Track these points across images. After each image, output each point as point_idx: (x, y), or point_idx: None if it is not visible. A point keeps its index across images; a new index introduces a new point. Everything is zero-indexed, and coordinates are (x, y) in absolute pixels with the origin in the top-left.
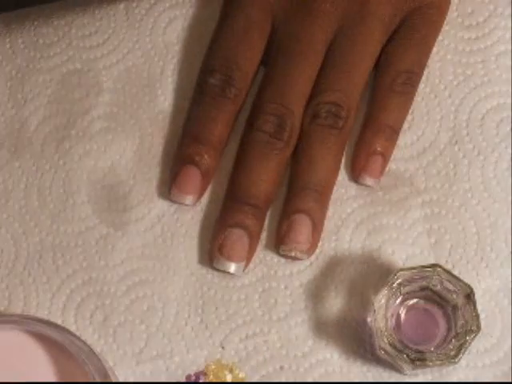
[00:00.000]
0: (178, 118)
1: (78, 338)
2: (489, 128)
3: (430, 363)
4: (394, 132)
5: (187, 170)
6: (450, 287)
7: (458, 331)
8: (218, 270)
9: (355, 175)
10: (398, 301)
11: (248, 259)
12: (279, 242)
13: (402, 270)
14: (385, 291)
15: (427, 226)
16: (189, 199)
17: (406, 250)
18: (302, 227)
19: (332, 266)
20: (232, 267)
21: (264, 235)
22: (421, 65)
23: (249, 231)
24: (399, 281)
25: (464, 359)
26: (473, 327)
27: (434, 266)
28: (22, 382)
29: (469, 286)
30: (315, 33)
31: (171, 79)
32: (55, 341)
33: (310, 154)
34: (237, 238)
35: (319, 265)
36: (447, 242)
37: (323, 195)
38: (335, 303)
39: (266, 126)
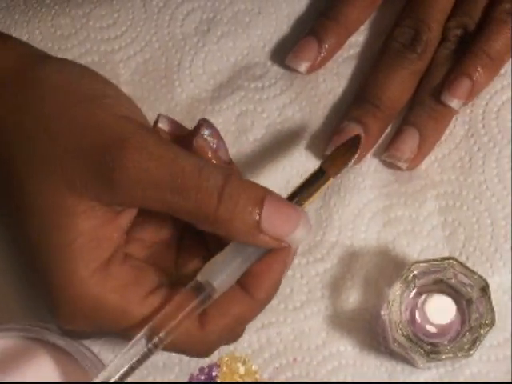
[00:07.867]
0: (195, 110)
1: (83, 345)
2: (504, 120)
3: (444, 356)
4: (491, 60)
5: (306, 40)
6: (465, 280)
7: (472, 325)
8: None
9: (440, 94)
10: (412, 294)
11: (360, 157)
12: None
13: (416, 262)
14: (399, 284)
15: (442, 218)
16: (302, 66)
17: (421, 242)
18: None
19: (348, 256)
20: None
21: None
22: None
23: (365, 127)
24: (414, 273)
25: (477, 353)
26: (487, 321)
27: (448, 258)
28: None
29: (484, 280)
30: None
31: (189, 71)
32: (61, 348)
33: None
34: (349, 131)
35: (336, 254)
36: (461, 235)
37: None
38: (351, 293)
39: (402, 37)
